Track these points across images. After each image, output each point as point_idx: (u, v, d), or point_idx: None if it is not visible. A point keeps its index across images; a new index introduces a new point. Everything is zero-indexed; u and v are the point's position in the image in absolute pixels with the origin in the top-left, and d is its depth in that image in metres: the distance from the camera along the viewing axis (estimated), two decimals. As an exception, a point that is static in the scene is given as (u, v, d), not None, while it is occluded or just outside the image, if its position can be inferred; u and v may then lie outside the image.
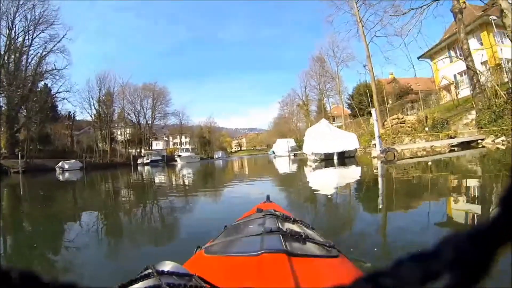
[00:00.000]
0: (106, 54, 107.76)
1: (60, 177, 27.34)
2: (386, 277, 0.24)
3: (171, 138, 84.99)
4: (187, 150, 62.20)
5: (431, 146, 18.22)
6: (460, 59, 19.00)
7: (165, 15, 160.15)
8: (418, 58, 36.28)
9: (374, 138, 18.48)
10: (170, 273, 0.86)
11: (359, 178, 10.94)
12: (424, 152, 18.19)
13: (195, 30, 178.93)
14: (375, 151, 17.30)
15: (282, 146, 49.26)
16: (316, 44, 74.47)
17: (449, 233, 0.24)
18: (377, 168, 13.43)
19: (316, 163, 18.73)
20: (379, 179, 9.92)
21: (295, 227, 1.54)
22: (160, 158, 57.84)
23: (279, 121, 79.07)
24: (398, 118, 25.07)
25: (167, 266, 0.92)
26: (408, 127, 22.43)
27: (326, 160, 19.22)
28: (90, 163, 45.93)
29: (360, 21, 32.33)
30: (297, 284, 0.88)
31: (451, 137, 18.11)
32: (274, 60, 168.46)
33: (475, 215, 4.30)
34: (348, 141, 20.03)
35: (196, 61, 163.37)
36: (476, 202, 5.17)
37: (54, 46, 48.08)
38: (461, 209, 4.70)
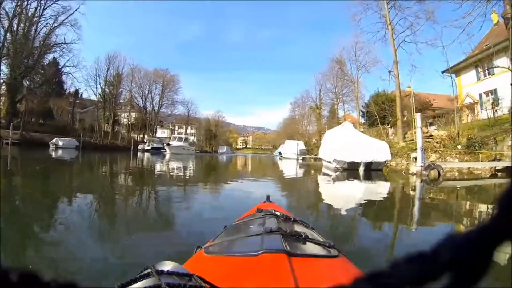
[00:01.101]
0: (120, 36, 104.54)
1: (53, 154, 26.02)
2: (386, 277, 0.24)
3: (177, 128, 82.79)
4: (179, 139, 52.85)
5: (469, 168, 15.44)
6: (509, 69, 16.34)
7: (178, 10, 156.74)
8: (443, 72, 33.68)
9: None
10: (170, 273, 0.85)
11: (411, 204, 7.55)
12: (457, 174, 15.47)
13: (206, 28, 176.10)
14: (415, 167, 14.25)
15: (291, 148, 45.96)
16: (337, 44, 69.70)
17: (448, 235, 0.24)
18: (415, 188, 10.56)
19: (337, 173, 15.94)
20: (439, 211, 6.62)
21: (295, 227, 1.56)
22: (162, 146, 55.23)
23: (289, 123, 75.78)
24: (424, 132, 22.28)
25: (167, 266, 0.91)
26: (437, 142, 19.57)
27: (349, 170, 16.29)
28: (89, 143, 43.69)
29: (390, 24, 29.55)
30: (297, 284, 0.87)
31: (496, 160, 15.36)
32: (283, 60, 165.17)
33: (475, 216, 4.29)
34: (379, 151, 16.87)
35: (207, 58, 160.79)
36: None
37: (66, 19, 45.68)
38: None
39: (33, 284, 0.24)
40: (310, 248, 1.29)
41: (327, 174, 15.73)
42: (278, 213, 1.76)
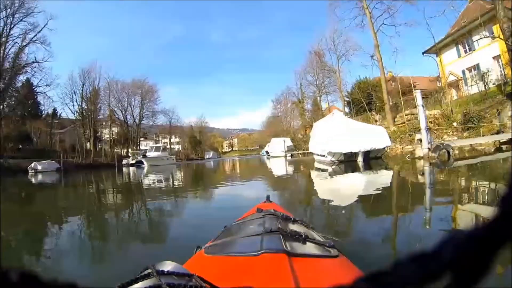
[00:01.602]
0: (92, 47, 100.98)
1: (32, 180, 24.25)
2: (386, 277, 0.23)
3: (161, 138, 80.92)
4: (157, 149, 48.45)
5: (471, 145, 14.61)
6: (501, 39, 15.76)
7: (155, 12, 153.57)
8: (423, 53, 33.72)
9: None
10: (170, 273, 0.85)
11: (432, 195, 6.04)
12: (457, 152, 14.56)
13: (184, 29, 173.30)
14: (420, 149, 12.71)
15: (278, 146, 44.47)
16: (315, 36, 67.77)
17: (449, 234, 0.24)
18: (426, 174, 9.13)
19: (333, 166, 14.44)
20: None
21: (295, 227, 1.55)
22: (146, 158, 53.76)
23: (273, 121, 74.84)
24: (413, 114, 21.53)
25: (167, 266, 0.91)
26: (430, 122, 18.75)
27: (346, 162, 14.92)
28: (71, 164, 41.51)
29: (367, 8, 29.04)
30: (297, 284, 0.87)
31: (500, 132, 14.39)
32: (264, 60, 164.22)
33: (476, 216, 3.98)
34: (377, 137, 15.38)
35: (185, 61, 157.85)
36: None
37: (35, 36, 43.75)
38: None
39: (33, 284, 0.24)
40: (310, 248, 1.28)
41: (322, 169, 14.40)
42: (278, 213, 1.74)
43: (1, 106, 41.87)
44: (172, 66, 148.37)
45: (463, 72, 28.87)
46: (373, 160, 15.43)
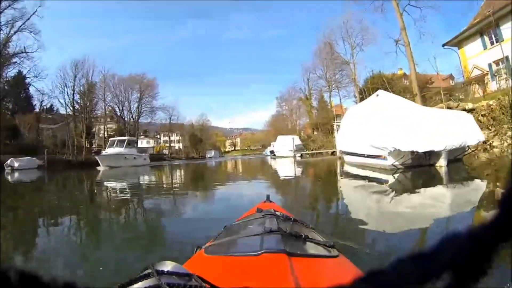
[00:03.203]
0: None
1: (9, 178, 21.18)
2: (386, 277, 0.23)
3: (162, 136, 77.32)
4: (120, 143, 35.58)
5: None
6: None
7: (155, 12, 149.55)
8: (443, 45, 29.93)
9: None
10: (169, 273, 0.84)
11: None
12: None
13: (193, 29, 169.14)
14: None
15: (285, 145, 38.46)
16: (325, 25, 56.20)
17: (448, 233, 0.23)
18: None
19: (396, 174, 9.13)
20: None
21: (295, 227, 1.53)
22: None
23: (277, 119, 70.57)
24: (451, 107, 17.48)
25: (167, 266, 0.89)
26: (482, 115, 14.70)
27: (414, 167, 9.71)
28: (60, 161, 37.76)
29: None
30: (297, 284, 0.86)
31: None
32: (271, 60, 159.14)
33: (475, 216, 3.72)
34: (464, 129, 9.68)
35: (190, 60, 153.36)
36: None
37: (23, 24, 40.06)
38: None
39: (33, 284, 0.23)
40: (310, 248, 1.27)
41: (370, 179, 8.97)
42: (278, 213, 1.72)
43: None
44: (176, 65, 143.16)
45: (490, 65, 25.59)
46: (451, 163, 9.81)
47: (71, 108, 45.86)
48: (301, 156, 34.56)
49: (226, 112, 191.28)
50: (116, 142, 36.42)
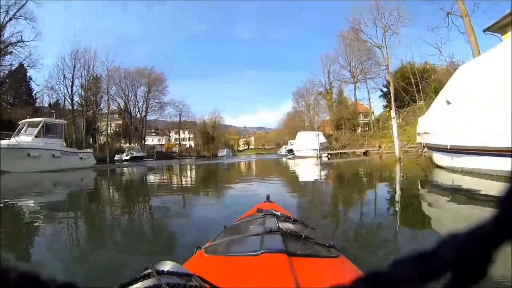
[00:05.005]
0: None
1: None
2: (386, 277, 0.23)
3: (173, 133, 72.92)
4: (31, 126, 21.56)
5: None
6: None
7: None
8: (484, 31, 23.57)
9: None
10: (169, 273, 0.81)
11: None
12: None
13: (206, 24, 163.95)
14: None
15: (307, 142, 31.08)
16: (351, 10, 42.35)
17: (448, 234, 0.23)
18: None
19: None
20: None
21: (295, 227, 1.48)
22: (144, 154, 44.18)
23: (293, 116, 64.44)
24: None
25: (167, 266, 0.87)
26: None
27: None
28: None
29: None
30: (297, 284, 0.84)
31: None
32: (285, 60, 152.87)
33: (475, 216, 3.42)
34: None
35: (203, 57, 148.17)
36: None
37: (18, 10, 36.02)
38: None
39: (33, 283, 0.23)
40: (310, 248, 1.24)
41: None
42: (278, 213, 1.67)
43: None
44: (187, 63, 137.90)
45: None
46: None
47: (69, 101, 41.21)
48: (328, 156, 28.19)
49: (239, 110, 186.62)
50: (26, 126, 21.65)
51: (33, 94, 45.25)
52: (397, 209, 4.84)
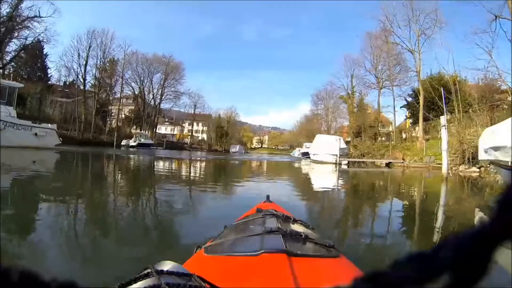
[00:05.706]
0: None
1: None
2: (386, 277, 0.22)
3: (187, 125, 71.37)
4: None
5: None
6: None
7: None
8: None
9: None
10: (169, 273, 0.81)
11: None
12: None
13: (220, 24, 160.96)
14: None
15: (326, 146, 27.40)
16: (376, 12, 37.58)
17: (448, 234, 0.23)
18: None
19: None
20: None
21: (295, 227, 1.46)
22: (152, 142, 42.31)
23: (310, 119, 61.66)
24: None
25: (167, 265, 0.87)
26: None
27: None
28: (62, 137, 31.58)
29: None
30: (297, 284, 0.84)
31: None
32: (300, 60, 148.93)
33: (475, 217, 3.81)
34: None
35: (221, 57, 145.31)
36: None
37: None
38: None
39: (33, 283, 0.23)
40: (310, 248, 1.22)
41: None
42: (278, 213, 1.62)
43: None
44: (204, 60, 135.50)
45: None
46: None
47: (82, 81, 39.63)
48: (348, 164, 25.22)
49: (254, 109, 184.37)
50: None
51: (48, 71, 44.55)
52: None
